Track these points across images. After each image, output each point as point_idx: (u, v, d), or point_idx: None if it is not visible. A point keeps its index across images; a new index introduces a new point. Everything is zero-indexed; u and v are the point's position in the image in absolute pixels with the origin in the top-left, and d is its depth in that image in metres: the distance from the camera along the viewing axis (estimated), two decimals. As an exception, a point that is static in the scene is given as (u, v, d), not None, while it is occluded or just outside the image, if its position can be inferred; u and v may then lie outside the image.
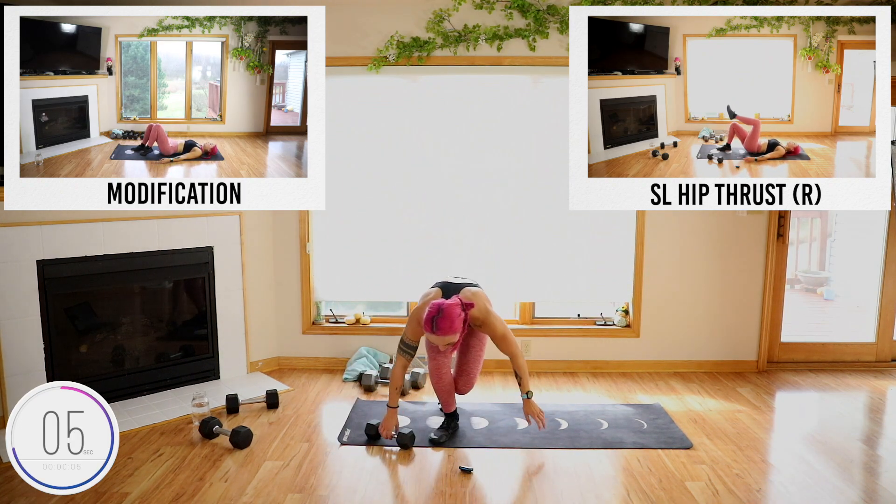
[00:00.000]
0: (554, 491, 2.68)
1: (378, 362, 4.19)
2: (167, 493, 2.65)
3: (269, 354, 4.31)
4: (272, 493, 2.66)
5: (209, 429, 3.15)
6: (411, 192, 4.19)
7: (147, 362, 3.88)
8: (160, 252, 3.75)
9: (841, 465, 2.92)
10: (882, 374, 4.22)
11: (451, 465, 2.92)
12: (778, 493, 2.69)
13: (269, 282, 4.26)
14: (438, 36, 3.95)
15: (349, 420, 3.41)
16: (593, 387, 3.98)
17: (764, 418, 3.49)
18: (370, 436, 3.10)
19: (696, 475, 2.82)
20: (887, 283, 4.29)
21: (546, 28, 3.93)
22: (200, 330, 4.00)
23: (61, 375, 3.41)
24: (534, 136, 4.11)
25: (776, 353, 4.34)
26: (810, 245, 6.78)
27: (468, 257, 4.22)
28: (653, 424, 3.34)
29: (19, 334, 3.29)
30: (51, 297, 3.40)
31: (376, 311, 4.52)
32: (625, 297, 4.30)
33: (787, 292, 4.34)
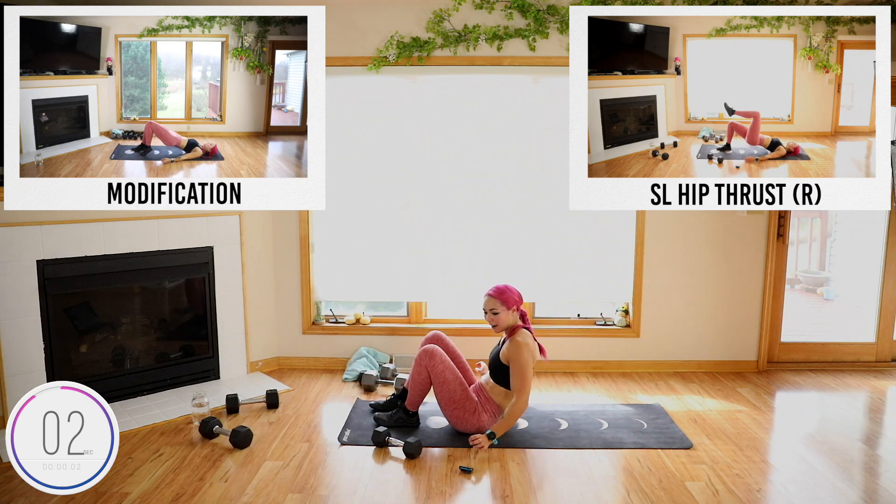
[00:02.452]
0: (554, 491, 2.68)
1: (378, 362, 4.20)
2: (167, 493, 2.65)
3: (269, 354, 4.31)
4: (272, 493, 2.66)
5: (209, 429, 3.15)
6: (411, 191, 4.19)
7: (147, 362, 3.88)
8: (160, 252, 3.75)
9: (841, 465, 2.92)
10: (882, 374, 4.22)
11: (451, 465, 2.92)
12: (778, 493, 2.69)
13: (269, 282, 4.26)
14: (438, 36, 3.95)
15: (349, 420, 3.41)
16: (593, 387, 3.98)
17: (764, 418, 3.49)
18: (377, 443, 3.09)
19: (696, 475, 2.82)
20: (887, 283, 4.29)
21: (546, 28, 3.93)
22: (200, 330, 4.00)
23: (61, 375, 3.41)
24: (534, 136, 4.11)
25: (776, 353, 4.34)
26: (810, 245, 6.78)
27: (468, 257, 4.22)
28: (653, 424, 3.34)
29: (19, 334, 3.29)
30: (51, 297, 3.39)
31: (376, 311, 4.52)
32: (625, 297, 4.30)
33: (787, 292, 4.34)
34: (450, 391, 3.17)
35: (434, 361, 3.19)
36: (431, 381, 3.22)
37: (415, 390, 3.28)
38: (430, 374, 3.20)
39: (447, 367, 3.18)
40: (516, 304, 3.22)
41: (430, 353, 3.21)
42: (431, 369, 3.19)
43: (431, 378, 3.20)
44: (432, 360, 3.19)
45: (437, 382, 3.19)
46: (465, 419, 3.17)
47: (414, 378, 3.26)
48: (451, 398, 3.17)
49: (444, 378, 3.17)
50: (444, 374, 3.17)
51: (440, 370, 3.17)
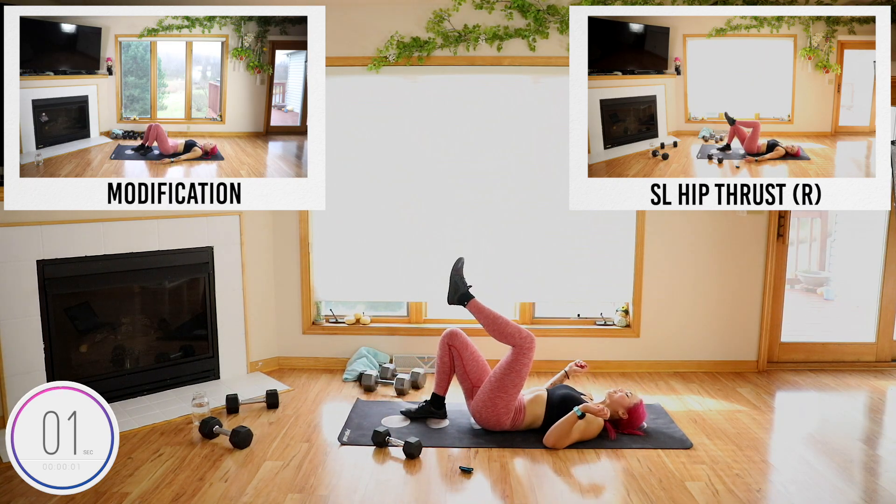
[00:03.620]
0: (554, 491, 2.68)
1: (378, 362, 4.20)
2: (167, 493, 2.65)
3: (269, 354, 4.31)
4: (272, 493, 2.66)
5: (209, 429, 3.15)
6: (411, 191, 4.19)
7: (147, 362, 3.88)
8: (160, 252, 3.75)
9: (841, 465, 2.92)
10: (882, 374, 4.22)
11: (451, 465, 2.92)
12: (778, 493, 2.69)
13: (269, 282, 4.26)
14: (438, 36, 3.95)
15: (349, 420, 3.41)
16: (593, 387, 3.98)
17: (764, 418, 3.49)
18: (377, 443, 3.09)
19: (696, 475, 2.82)
20: (887, 283, 4.29)
21: (546, 28, 3.93)
22: (200, 330, 4.00)
23: (61, 375, 3.41)
24: (534, 136, 4.11)
25: (776, 353, 4.34)
26: (810, 245, 6.78)
27: (468, 257, 4.19)
28: (653, 424, 3.34)
29: (19, 334, 3.29)
30: (51, 297, 3.39)
31: (376, 311, 4.52)
32: (625, 297, 4.30)
33: (787, 292, 4.34)
34: (480, 366, 3.31)
35: (458, 339, 3.32)
36: (454, 363, 3.34)
37: (438, 373, 3.39)
38: (458, 350, 3.31)
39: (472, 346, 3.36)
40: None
41: (453, 332, 3.35)
42: (461, 346, 3.31)
43: (460, 353, 3.31)
44: (456, 338, 3.33)
45: (467, 354, 3.31)
46: (493, 401, 3.18)
47: (437, 360, 3.40)
48: (479, 376, 3.30)
49: (472, 353, 3.33)
50: (472, 347, 3.34)
51: (467, 344, 3.33)
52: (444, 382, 3.39)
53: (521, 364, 3.17)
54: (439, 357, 3.38)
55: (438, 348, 3.38)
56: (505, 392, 3.17)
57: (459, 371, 3.33)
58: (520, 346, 3.18)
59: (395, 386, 3.84)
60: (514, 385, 3.17)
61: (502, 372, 3.18)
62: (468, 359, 3.31)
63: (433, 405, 3.40)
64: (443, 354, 3.36)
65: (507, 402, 3.17)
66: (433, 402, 3.40)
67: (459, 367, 3.32)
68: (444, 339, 3.36)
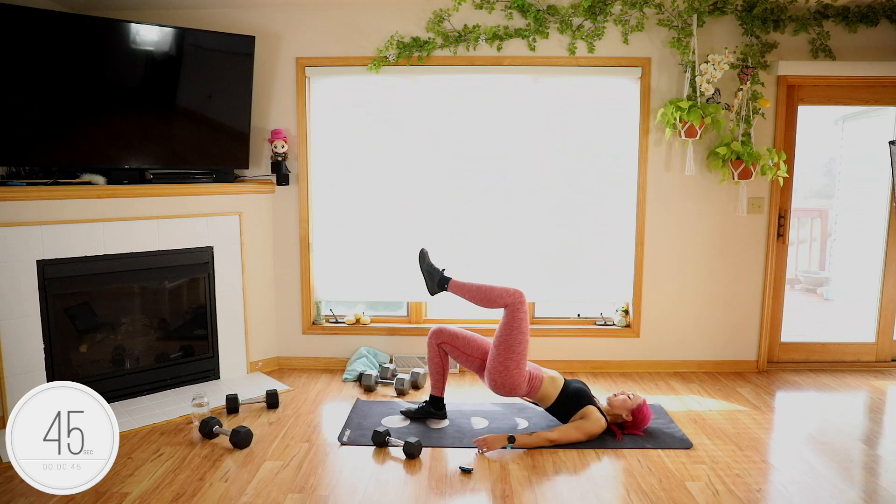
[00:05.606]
0: (554, 491, 2.68)
1: (378, 362, 4.19)
2: (167, 493, 2.65)
3: (269, 354, 4.31)
4: (272, 493, 2.66)
5: (209, 429, 3.15)
6: (411, 191, 4.19)
7: (147, 362, 3.88)
8: (160, 252, 3.75)
9: (841, 465, 2.92)
10: (882, 374, 4.22)
11: (451, 465, 2.92)
12: (778, 493, 2.69)
13: (269, 282, 4.26)
14: (438, 36, 3.95)
15: (349, 420, 3.41)
16: (593, 387, 3.98)
17: (764, 418, 3.49)
18: (377, 443, 3.09)
19: (696, 475, 2.82)
20: (887, 283, 4.29)
21: (546, 28, 3.93)
22: (200, 330, 4.00)
23: (61, 375, 3.42)
24: (534, 137, 4.11)
25: (776, 353, 4.34)
26: (810, 245, 6.78)
27: (468, 257, 4.22)
28: (653, 424, 3.33)
29: (19, 334, 3.29)
30: (51, 297, 3.39)
31: (376, 311, 4.52)
32: (625, 297, 4.30)
33: (787, 292, 4.33)
34: (479, 344, 3.33)
35: (445, 333, 3.34)
36: (445, 360, 3.37)
37: (433, 374, 3.39)
38: (449, 344, 3.33)
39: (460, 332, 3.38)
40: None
41: (437, 330, 3.37)
42: (450, 338, 3.33)
43: (453, 344, 3.32)
44: (442, 334, 3.34)
45: (460, 341, 3.32)
46: (505, 364, 3.17)
47: (429, 362, 3.40)
48: (484, 351, 3.31)
49: (464, 335, 3.34)
50: (462, 333, 3.35)
51: (455, 332, 3.35)
52: (440, 383, 3.39)
53: (519, 320, 3.18)
54: (430, 358, 3.39)
55: (427, 350, 3.40)
56: (513, 352, 3.17)
57: (462, 359, 3.33)
58: (511, 305, 3.20)
59: (395, 386, 3.84)
60: (520, 343, 3.18)
61: (504, 333, 3.19)
62: (464, 344, 3.33)
63: (433, 406, 3.40)
64: (433, 355, 3.37)
65: (519, 362, 3.17)
66: (432, 404, 3.40)
67: (460, 355, 3.33)
68: (430, 339, 3.38)
